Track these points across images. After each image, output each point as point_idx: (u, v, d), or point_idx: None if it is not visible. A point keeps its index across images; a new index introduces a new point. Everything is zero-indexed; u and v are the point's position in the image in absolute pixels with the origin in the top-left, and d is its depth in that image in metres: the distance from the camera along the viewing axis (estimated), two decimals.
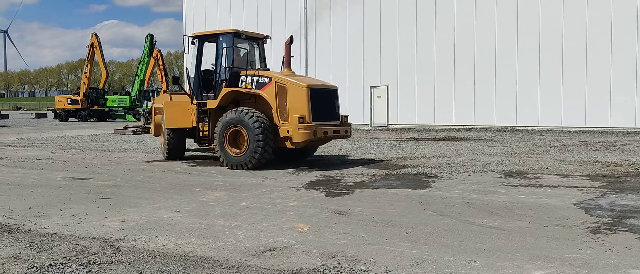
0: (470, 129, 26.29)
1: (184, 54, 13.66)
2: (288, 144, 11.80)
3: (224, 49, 12.75)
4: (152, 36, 47.71)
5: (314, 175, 10.74)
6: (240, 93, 12.38)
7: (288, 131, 11.66)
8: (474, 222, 6.46)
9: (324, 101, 12.21)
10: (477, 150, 15.54)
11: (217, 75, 12.88)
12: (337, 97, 12.66)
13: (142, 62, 48.62)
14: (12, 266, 4.81)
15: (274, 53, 31.73)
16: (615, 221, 6.39)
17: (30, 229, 6.24)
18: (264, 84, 12.15)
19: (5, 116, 49.33)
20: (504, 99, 26.31)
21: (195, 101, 13.10)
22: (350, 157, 14.02)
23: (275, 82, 11.98)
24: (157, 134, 15.29)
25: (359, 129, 28.24)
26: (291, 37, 13.44)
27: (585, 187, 8.91)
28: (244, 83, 12.44)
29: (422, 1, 28.12)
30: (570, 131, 23.81)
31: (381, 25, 29.28)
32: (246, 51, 13.27)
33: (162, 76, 51.87)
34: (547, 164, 12.08)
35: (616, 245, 5.37)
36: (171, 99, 13.78)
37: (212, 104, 12.62)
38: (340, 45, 30.49)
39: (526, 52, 25.71)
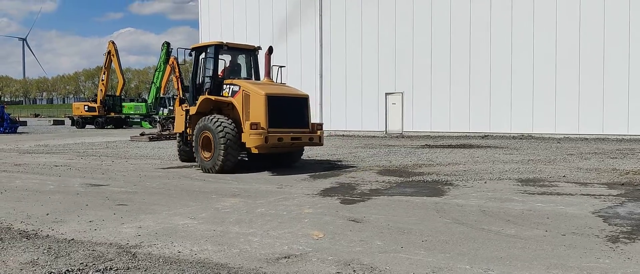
0: (486, 136, 26.13)
1: (176, 64, 14.89)
2: (253, 150, 12.15)
3: (204, 60, 13.63)
4: (168, 44, 48.12)
5: (329, 182, 10.74)
6: (219, 101, 13.04)
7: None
8: (490, 230, 6.41)
9: (287, 108, 12.56)
10: (493, 157, 15.44)
11: (201, 83, 13.65)
12: (306, 106, 12.92)
13: (158, 70, 49.04)
14: (30, 271, 4.86)
15: (290, 61, 31.96)
16: (634, 230, 6.30)
17: (48, 235, 6.30)
18: (236, 92, 12.73)
19: (24, 123, 49.96)
20: (520, 106, 26.13)
21: (185, 107, 14.02)
22: (365, 165, 13.99)
23: (243, 90, 12.53)
24: None
25: (373, 137, 28.18)
26: (270, 48, 13.93)
27: (603, 195, 8.81)
28: (223, 91, 13.11)
29: (437, 8, 28.06)
30: (587, 138, 23.57)
31: (396, 32, 29.25)
32: (224, 61, 14.04)
33: (178, 83, 52.17)
34: (564, 171, 11.97)
35: (635, 254, 5.30)
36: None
37: (192, 110, 13.49)
38: (355, 52, 30.51)
39: (542, 59, 25.53)
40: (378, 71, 29.88)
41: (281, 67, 14.49)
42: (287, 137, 12.28)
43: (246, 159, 14.24)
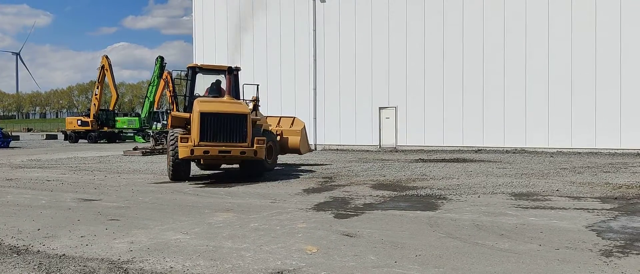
0: (479, 150, 26.18)
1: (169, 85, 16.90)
2: (182, 157, 13.48)
3: (180, 80, 15.64)
4: (162, 58, 48.15)
5: (323, 196, 10.71)
6: (184, 117, 14.64)
7: None
8: (484, 244, 6.40)
9: (223, 124, 13.49)
10: (486, 171, 15.46)
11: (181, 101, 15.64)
12: (244, 122, 13.64)
13: (151, 84, 49.00)
14: None
15: (284, 75, 31.94)
16: (627, 244, 6.31)
17: (38, 251, 6.25)
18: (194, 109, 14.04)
19: (16, 138, 49.70)
20: (513, 120, 26.21)
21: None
22: (359, 179, 13.98)
23: (195, 107, 13.75)
24: None
25: (367, 151, 28.18)
26: (229, 68, 15.46)
27: (596, 209, 8.82)
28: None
29: (430, 23, 28.23)
30: (580, 153, 23.67)
31: (390, 46, 29.37)
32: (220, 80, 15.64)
33: (171, 98, 52.12)
34: (557, 185, 11.99)
35: (629, 268, 5.29)
36: None
37: (168, 126, 15.34)
38: (348, 67, 30.59)
39: (535, 74, 25.66)
40: (372, 85, 29.95)
41: (257, 85, 16.10)
42: (214, 150, 13.27)
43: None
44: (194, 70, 15.40)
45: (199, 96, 15.09)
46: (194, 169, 15.80)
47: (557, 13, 25.20)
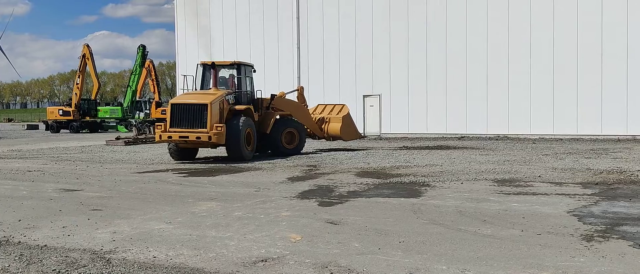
0: (462, 137, 26.33)
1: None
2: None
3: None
4: (144, 47, 47.70)
5: (307, 185, 10.71)
6: None
7: None
8: (467, 230, 6.45)
9: (188, 113, 15.47)
10: (469, 158, 15.56)
11: None
12: (204, 111, 15.28)
13: (134, 73, 48.57)
14: None
15: (268, 64, 31.74)
16: (608, 229, 6.39)
17: (19, 242, 6.18)
18: None
19: None
20: (496, 107, 26.36)
21: None
22: (343, 167, 14.00)
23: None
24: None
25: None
26: (213, 63, 17.48)
27: (577, 194, 8.92)
28: None
29: (414, 11, 28.22)
30: (562, 139, 23.90)
31: (373, 35, 29.34)
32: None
33: (154, 87, 51.77)
34: (539, 171, 12.10)
35: (609, 253, 5.36)
36: None
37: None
38: (332, 56, 30.52)
39: (517, 61, 25.81)
40: (356, 73, 29.93)
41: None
42: (176, 136, 15.40)
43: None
44: (202, 66, 17.44)
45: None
46: (204, 152, 17.78)
47: (539, 1, 25.33)
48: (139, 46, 47.72)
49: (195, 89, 16.86)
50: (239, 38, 33.14)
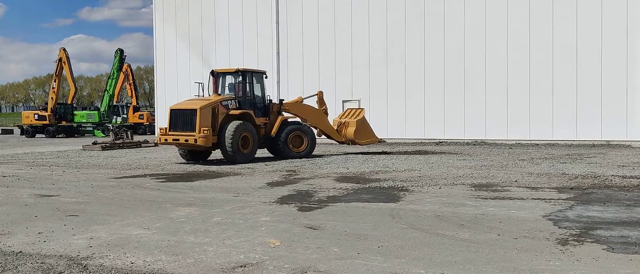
0: (440, 142, 26.52)
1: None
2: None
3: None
4: (122, 51, 47.29)
5: (286, 190, 10.71)
6: None
7: None
8: (445, 235, 6.51)
9: (183, 118, 16.66)
10: (447, 163, 15.68)
11: None
12: (194, 116, 16.30)
13: (111, 77, 48.06)
14: None
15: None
16: (582, 233, 6.50)
17: None
18: None
19: None
20: (473, 112, 26.61)
21: None
22: (322, 171, 14.02)
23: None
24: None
25: (331, 144, 28.25)
26: (212, 71, 18.51)
27: (553, 199, 9.05)
28: None
29: (392, 16, 28.41)
30: (538, 144, 24.20)
31: (352, 39, 29.45)
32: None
33: (131, 91, 51.35)
34: (515, 176, 12.25)
35: (584, 256, 5.46)
36: None
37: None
38: (312, 61, 30.58)
39: (494, 67, 26.09)
40: (335, 78, 30.01)
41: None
42: (170, 138, 16.68)
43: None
44: (211, 73, 18.47)
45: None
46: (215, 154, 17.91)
47: (515, 6, 25.66)
48: (116, 50, 47.30)
49: (209, 95, 17.92)
50: (218, 42, 33.04)
